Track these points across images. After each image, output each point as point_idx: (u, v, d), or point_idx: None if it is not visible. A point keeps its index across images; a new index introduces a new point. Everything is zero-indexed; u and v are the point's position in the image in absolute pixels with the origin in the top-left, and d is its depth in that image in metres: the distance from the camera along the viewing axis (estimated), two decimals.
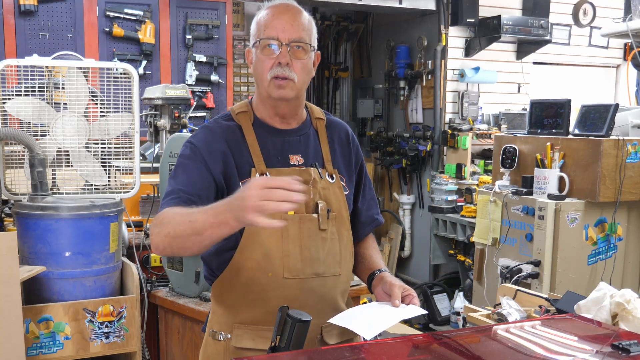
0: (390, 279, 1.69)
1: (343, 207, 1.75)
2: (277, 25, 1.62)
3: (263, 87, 1.67)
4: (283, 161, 1.70)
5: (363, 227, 1.87)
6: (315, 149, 1.76)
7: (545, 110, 3.82)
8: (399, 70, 6.10)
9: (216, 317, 1.74)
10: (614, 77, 6.73)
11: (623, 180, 3.47)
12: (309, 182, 1.68)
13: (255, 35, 1.67)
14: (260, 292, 1.65)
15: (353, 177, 1.83)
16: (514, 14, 5.85)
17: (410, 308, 1.60)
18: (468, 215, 4.96)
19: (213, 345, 1.73)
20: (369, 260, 1.83)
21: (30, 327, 2.46)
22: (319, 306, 1.68)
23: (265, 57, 1.64)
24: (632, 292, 1.75)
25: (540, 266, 3.50)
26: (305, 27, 1.66)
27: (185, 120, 3.63)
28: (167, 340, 2.94)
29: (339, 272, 1.74)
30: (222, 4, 5.26)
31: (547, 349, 1.38)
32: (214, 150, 1.65)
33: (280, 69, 1.63)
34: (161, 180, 2.91)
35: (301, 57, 1.65)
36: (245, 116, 1.72)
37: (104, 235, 2.61)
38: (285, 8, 1.66)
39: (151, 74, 5.02)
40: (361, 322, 1.55)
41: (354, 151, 1.84)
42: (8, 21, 4.56)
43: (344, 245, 1.75)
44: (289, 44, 1.62)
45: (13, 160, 2.73)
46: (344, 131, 1.85)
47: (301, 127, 1.76)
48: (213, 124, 1.72)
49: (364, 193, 1.88)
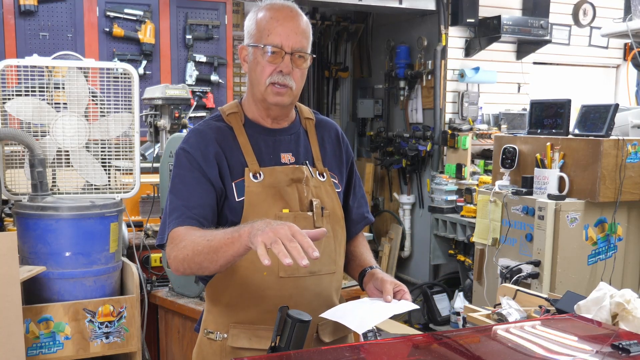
0: (382, 275, 1.70)
1: (336, 205, 1.75)
2: (282, 33, 1.62)
3: (259, 90, 1.67)
4: (275, 160, 1.70)
5: (354, 225, 1.88)
6: (305, 148, 1.76)
7: (545, 110, 3.82)
8: (399, 70, 6.10)
9: (211, 317, 1.74)
10: (614, 77, 6.73)
11: (623, 180, 3.47)
12: (302, 180, 1.69)
13: (254, 36, 1.66)
14: (256, 291, 1.65)
15: (344, 175, 1.84)
16: (514, 14, 5.85)
17: (402, 303, 1.60)
18: (468, 215, 4.96)
19: (208, 345, 1.72)
20: (360, 258, 1.84)
21: (30, 327, 2.46)
22: (315, 304, 1.68)
23: (267, 63, 1.63)
24: (632, 292, 1.75)
25: (540, 266, 3.50)
26: (306, 34, 1.67)
27: (185, 120, 3.64)
28: (167, 340, 2.94)
29: (334, 269, 1.74)
30: (222, 4, 5.26)
31: (547, 349, 1.38)
32: (207, 155, 1.65)
33: (281, 77, 1.63)
34: (161, 180, 2.91)
35: (301, 66, 1.66)
36: (236, 117, 1.72)
37: (104, 235, 2.61)
38: (289, 14, 1.65)
39: (151, 74, 5.02)
40: (353, 317, 1.55)
41: (344, 149, 1.85)
42: (8, 21, 4.56)
43: (339, 242, 1.76)
44: (291, 53, 1.63)
45: (13, 160, 2.73)
46: (334, 130, 1.86)
47: (291, 127, 1.77)
48: (203, 126, 1.71)
49: (354, 191, 1.89)
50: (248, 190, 1.64)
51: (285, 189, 1.67)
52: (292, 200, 1.67)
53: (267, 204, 1.64)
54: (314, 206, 1.68)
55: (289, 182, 1.67)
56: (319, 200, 1.70)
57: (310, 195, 1.69)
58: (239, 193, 1.65)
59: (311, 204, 1.68)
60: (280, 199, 1.66)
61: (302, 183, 1.69)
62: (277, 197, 1.66)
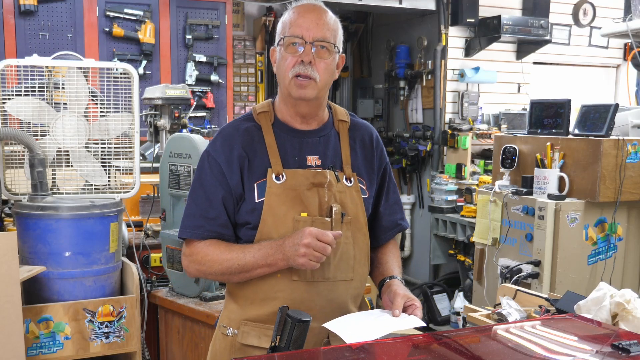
0: (396, 288, 1.68)
1: (360, 212, 1.73)
2: (302, 24, 1.62)
3: (284, 85, 1.67)
4: (300, 162, 1.69)
5: (385, 231, 1.85)
6: (334, 150, 1.74)
7: (545, 110, 3.82)
8: (399, 70, 6.10)
9: (227, 312, 1.76)
10: (614, 77, 6.73)
11: (623, 180, 3.47)
12: (324, 185, 1.67)
13: (280, 33, 1.67)
14: (269, 292, 1.67)
15: (374, 180, 1.80)
16: (514, 14, 5.85)
17: (410, 319, 1.58)
18: (468, 215, 4.96)
19: (221, 340, 1.75)
20: (384, 266, 1.81)
21: (30, 327, 2.46)
22: (327, 310, 1.67)
23: (289, 54, 1.64)
24: (632, 292, 1.75)
25: (540, 266, 3.49)
26: (330, 27, 1.66)
27: (185, 120, 3.64)
28: (167, 340, 2.94)
29: (352, 277, 1.72)
30: (222, 4, 5.26)
31: (547, 349, 1.38)
32: (232, 159, 1.67)
33: (302, 67, 1.62)
34: (161, 180, 2.91)
35: (325, 57, 1.64)
36: (265, 116, 1.73)
37: (104, 235, 2.61)
38: (311, 7, 1.66)
39: (151, 74, 5.02)
40: (353, 329, 1.53)
41: (377, 155, 1.82)
42: (8, 21, 4.56)
43: (359, 249, 1.73)
44: (312, 43, 1.62)
45: (13, 160, 2.73)
46: (368, 134, 1.82)
47: (322, 129, 1.75)
48: (230, 129, 1.73)
49: (387, 197, 1.85)
50: (269, 191, 1.65)
51: (305, 193, 1.66)
52: (312, 204, 1.66)
53: (286, 206, 1.65)
54: (333, 212, 1.67)
55: (309, 185, 1.67)
56: (339, 206, 1.68)
57: (332, 200, 1.68)
58: (259, 194, 1.66)
59: (331, 210, 1.67)
60: (300, 203, 1.66)
61: (324, 187, 1.67)
62: (297, 200, 1.66)
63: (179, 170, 2.79)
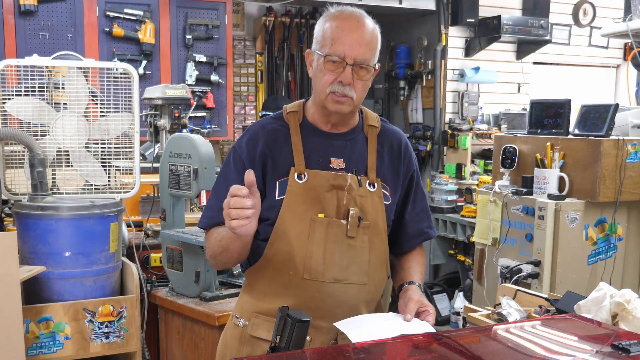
0: (411, 293, 1.69)
1: (380, 217, 1.72)
2: (345, 42, 1.62)
3: (320, 97, 1.68)
4: (323, 164, 1.70)
5: (410, 239, 1.85)
6: (360, 155, 1.74)
7: (545, 110, 3.82)
8: (399, 70, 6.11)
9: (241, 303, 1.79)
10: (614, 77, 6.73)
11: (623, 180, 3.47)
12: (344, 188, 1.68)
13: (319, 42, 1.66)
14: (281, 288, 1.68)
15: (399, 187, 1.80)
16: (514, 14, 5.85)
17: (420, 324, 1.59)
18: (468, 215, 4.96)
19: (232, 329, 1.78)
20: (406, 272, 1.82)
21: (30, 327, 2.46)
22: (337, 311, 1.68)
23: (328, 72, 1.64)
24: (632, 292, 1.75)
25: (540, 266, 3.49)
26: (372, 45, 1.66)
27: (185, 120, 3.64)
28: (167, 340, 2.94)
29: (365, 281, 1.72)
30: (222, 4, 5.26)
31: (547, 349, 1.38)
32: (254, 156, 1.69)
33: (341, 87, 1.63)
34: (161, 180, 2.91)
35: (363, 78, 1.65)
36: (294, 116, 1.74)
37: (104, 235, 2.61)
38: (355, 24, 1.64)
39: (151, 74, 5.02)
40: (361, 329, 1.54)
41: (405, 161, 1.81)
42: (8, 21, 4.56)
43: (375, 255, 1.73)
44: (353, 65, 1.62)
45: (13, 160, 2.73)
46: (397, 140, 1.82)
47: (350, 132, 1.75)
48: (257, 127, 1.75)
49: (413, 205, 1.84)
50: (290, 189, 1.66)
51: (324, 194, 1.67)
52: (330, 206, 1.67)
53: (305, 205, 1.66)
54: (350, 215, 1.67)
55: (329, 187, 1.67)
56: (356, 210, 1.68)
57: (352, 203, 1.68)
58: (280, 191, 1.67)
59: (348, 213, 1.67)
60: (318, 203, 1.66)
61: (344, 190, 1.68)
62: (316, 201, 1.66)
63: (179, 170, 2.79)
